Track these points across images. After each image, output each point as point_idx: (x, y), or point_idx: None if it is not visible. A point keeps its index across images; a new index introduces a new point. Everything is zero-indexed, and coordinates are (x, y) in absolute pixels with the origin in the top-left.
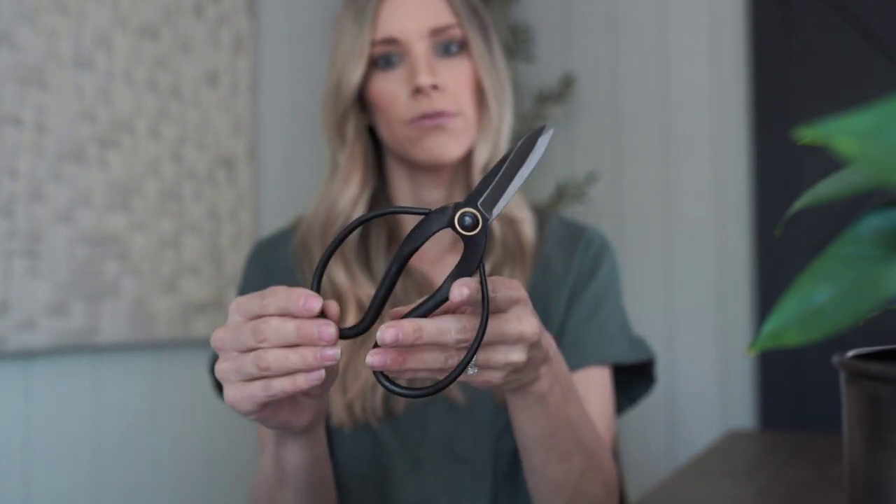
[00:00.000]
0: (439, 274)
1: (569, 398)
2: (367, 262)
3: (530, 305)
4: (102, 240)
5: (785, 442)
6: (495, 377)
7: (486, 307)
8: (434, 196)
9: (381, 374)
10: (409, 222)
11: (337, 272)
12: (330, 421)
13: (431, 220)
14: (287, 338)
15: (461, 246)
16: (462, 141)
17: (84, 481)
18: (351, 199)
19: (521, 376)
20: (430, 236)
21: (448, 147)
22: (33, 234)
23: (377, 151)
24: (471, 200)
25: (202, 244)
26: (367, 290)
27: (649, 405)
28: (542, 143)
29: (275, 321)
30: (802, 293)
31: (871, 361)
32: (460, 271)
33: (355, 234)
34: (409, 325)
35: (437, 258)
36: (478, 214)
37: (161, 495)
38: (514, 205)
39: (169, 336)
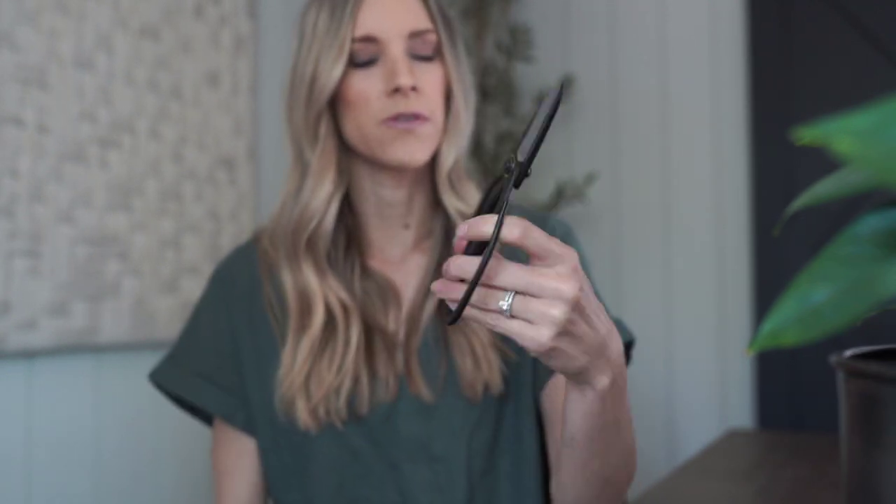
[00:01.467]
0: (402, 276)
1: (623, 401)
2: (332, 264)
3: (580, 273)
4: (103, 240)
5: (783, 442)
6: (542, 334)
7: (494, 241)
8: (396, 195)
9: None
10: (371, 227)
11: (308, 273)
12: (297, 426)
13: (500, 183)
14: None
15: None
16: (429, 146)
17: (85, 481)
18: (326, 197)
19: (579, 359)
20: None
21: (416, 152)
22: (34, 234)
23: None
24: (513, 150)
25: (202, 244)
26: (338, 293)
27: (649, 404)
28: (555, 95)
29: None
30: (801, 293)
31: (868, 361)
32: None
33: (327, 233)
34: (450, 262)
35: (399, 259)
36: (513, 156)
37: (162, 495)
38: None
39: (169, 336)
